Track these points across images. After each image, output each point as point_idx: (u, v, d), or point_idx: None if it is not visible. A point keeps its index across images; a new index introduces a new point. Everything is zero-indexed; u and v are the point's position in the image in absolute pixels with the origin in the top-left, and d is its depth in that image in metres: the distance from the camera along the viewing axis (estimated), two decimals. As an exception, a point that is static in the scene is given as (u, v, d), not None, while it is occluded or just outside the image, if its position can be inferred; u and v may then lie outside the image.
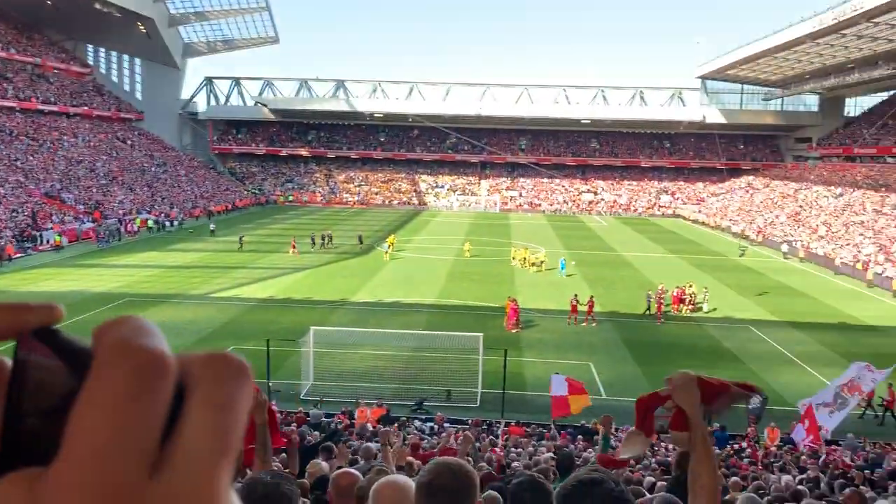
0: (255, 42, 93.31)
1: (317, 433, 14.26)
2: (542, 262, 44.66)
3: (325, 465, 5.54)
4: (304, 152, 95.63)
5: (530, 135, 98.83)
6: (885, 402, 21.66)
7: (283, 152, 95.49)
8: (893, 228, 49.89)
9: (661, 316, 32.31)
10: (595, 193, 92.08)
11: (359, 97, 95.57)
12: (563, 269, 42.65)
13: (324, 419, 17.64)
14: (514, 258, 46.59)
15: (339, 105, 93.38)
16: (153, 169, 74.50)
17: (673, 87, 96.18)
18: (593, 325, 30.83)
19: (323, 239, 51.43)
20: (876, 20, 52.58)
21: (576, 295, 31.84)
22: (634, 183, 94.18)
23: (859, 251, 48.40)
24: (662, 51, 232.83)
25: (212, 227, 57.90)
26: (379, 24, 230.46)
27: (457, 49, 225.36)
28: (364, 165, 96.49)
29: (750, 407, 19.96)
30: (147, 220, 58.92)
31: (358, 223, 67.08)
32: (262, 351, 21.26)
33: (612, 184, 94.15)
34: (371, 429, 15.17)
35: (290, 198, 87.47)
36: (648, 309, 33.42)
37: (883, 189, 59.69)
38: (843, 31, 57.54)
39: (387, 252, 47.45)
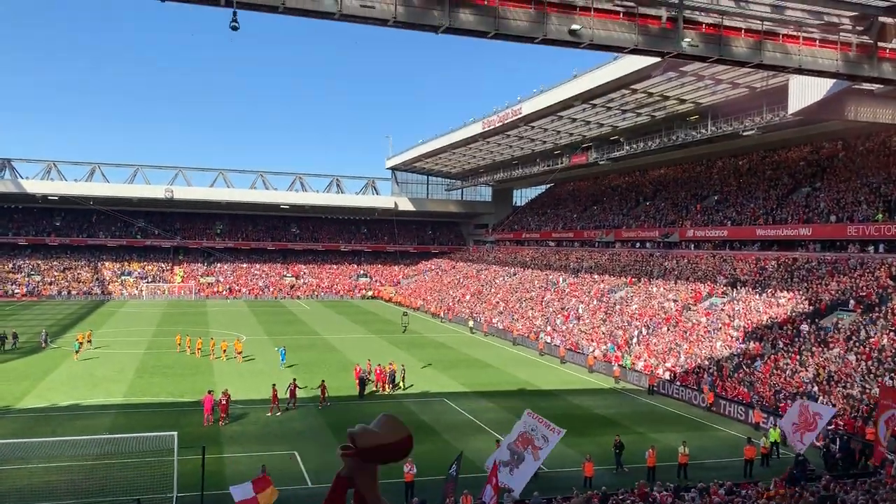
0: None
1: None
2: (239, 352, 42.93)
3: None
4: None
5: (228, 219, 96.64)
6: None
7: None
8: (557, 303, 57.39)
9: (324, 400, 31.76)
10: (297, 277, 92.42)
11: (29, 178, 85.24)
12: (283, 359, 40.90)
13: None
14: (178, 345, 44.83)
15: (3, 186, 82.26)
16: None
17: (367, 177, 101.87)
18: (278, 414, 30.10)
19: (3, 338, 44.01)
20: (532, 124, 61.82)
21: (294, 380, 31.36)
22: (335, 266, 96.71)
23: (532, 323, 54.73)
24: (357, 142, 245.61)
25: None
26: (51, 101, 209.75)
27: (145, 129, 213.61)
28: (35, 253, 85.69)
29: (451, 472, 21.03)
30: None
31: (28, 318, 58.97)
32: None
33: (314, 268, 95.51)
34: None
35: (-64, 291, 73.93)
36: (363, 390, 34.07)
37: (547, 269, 68.69)
38: (508, 133, 66.60)
39: (77, 351, 41.56)
